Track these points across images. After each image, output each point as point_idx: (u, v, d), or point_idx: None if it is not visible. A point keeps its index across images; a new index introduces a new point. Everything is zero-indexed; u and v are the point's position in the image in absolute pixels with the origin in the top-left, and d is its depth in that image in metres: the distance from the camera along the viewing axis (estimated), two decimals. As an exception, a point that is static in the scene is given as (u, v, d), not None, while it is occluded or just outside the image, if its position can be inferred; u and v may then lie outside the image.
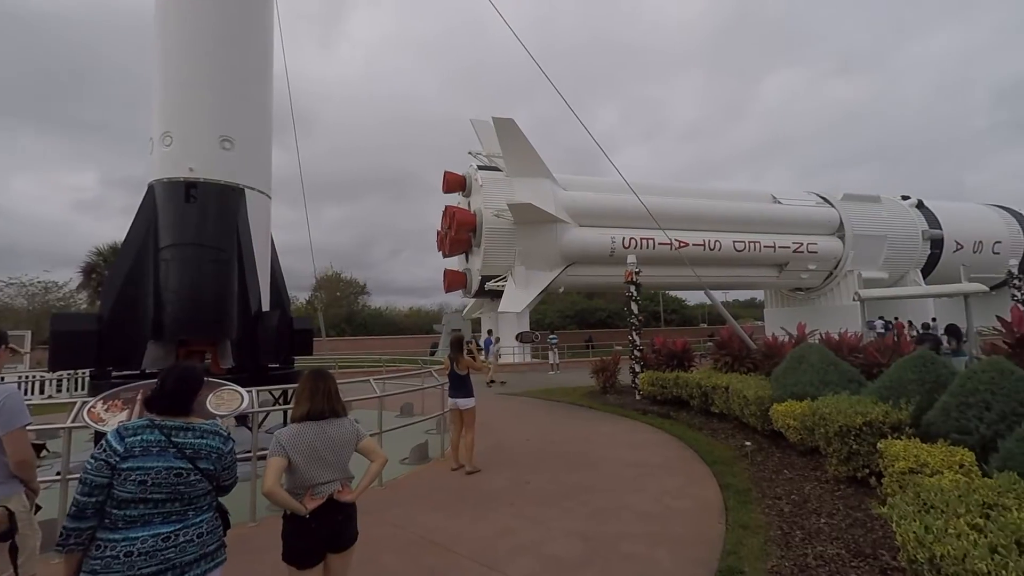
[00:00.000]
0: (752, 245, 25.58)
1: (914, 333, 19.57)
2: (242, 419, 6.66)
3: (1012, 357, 5.62)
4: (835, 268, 27.46)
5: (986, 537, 2.10)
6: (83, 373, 13.65)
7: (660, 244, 22.96)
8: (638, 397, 11.09)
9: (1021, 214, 30.86)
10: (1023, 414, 4.06)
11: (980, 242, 28.98)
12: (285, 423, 5.42)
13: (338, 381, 2.74)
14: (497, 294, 23.18)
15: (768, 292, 32.64)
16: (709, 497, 5.07)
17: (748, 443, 6.74)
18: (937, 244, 28.34)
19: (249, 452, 4.68)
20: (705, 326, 44.17)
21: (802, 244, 26.34)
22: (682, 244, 24.14)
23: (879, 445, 4.40)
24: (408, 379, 9.75)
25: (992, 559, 1.89)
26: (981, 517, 2.30)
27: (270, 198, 8.23)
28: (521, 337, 23.20)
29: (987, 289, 12.64)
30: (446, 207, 24.84)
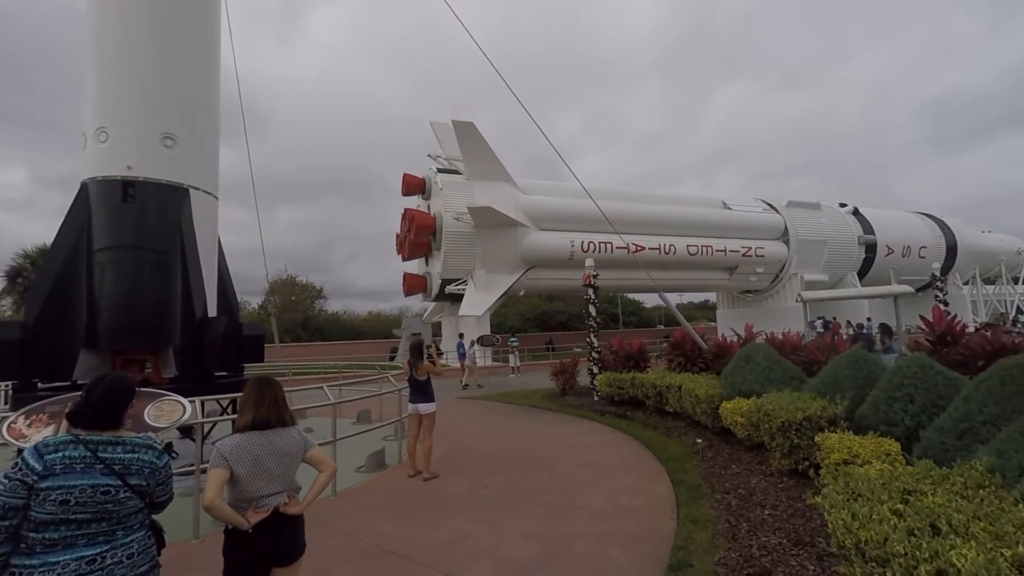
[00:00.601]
0: (704, 249, 26.57)
1: (850, 332, 20.83)
2: (188, 431, 6.34)
3: (933, 353, 6.09)
4: (781, 271, 28.90)
5: (904, 521, 2.26)
6: (6, 386, 12.62)
7: (618, 248, 23.49)
8: (596, 398, 11.28)
9: (943, 221, 33.45)
10: (942, 406, 4.39)
11: (908, 247, 31.20)
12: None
13: (291, 388, 2.66)
14: (458, 298, 23.08)
15: (720, 294, 33.97)
16: (662, 494, 5.21)
17: (699, 440, 6.99)
18: (871, 249, 30.32)
19: (194, 465, 4.46)
20: (662, 327, 45.42)
21: (750, 248, 27.58)
22: (639, 248, 24.81)
23: (817, 438, 4.65)
24: (365, 385, 9.56)
25: (909, 541, 2.05)
26: (901, 503, 2.48)
27: (217, 199, 7.89)
28: (482, 340, 23.10)
29: (913, 290, 13.69)
30: (405, 210, 24.53)
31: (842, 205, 31.73)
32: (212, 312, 7.38)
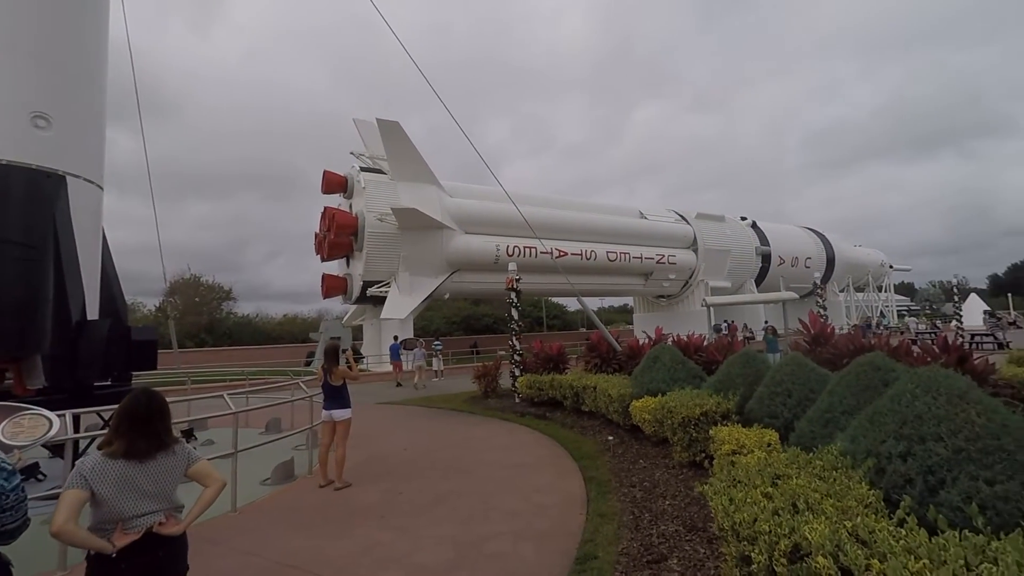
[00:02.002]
0: (623, 255, 27.95)
1: (747, 334, 22.84)
2: (58, 449, 5.61)
3: (809, 353, 6.87)
4: (690, 278, 31.09)
5: (772, 502, 2.54)
6: None
7: (542, 253, 24.04)
8: (517, 400, 11.46)
9: (825, 236, 37.76)
10: (813, 399, 4.96)
11: (797, 258, 34.87)
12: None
13: (190, 398, 2.45)
14: (380, 300, 22.44)
15: (637, 298, 35.86)
16: (574, 491, 5.41)
17: (611, 438, 7.33)
18: (767, 259, 33.53)
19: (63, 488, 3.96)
20: (584, 330, 47.06)
21: (664, 256, 29.42)
22: (561, 253, 25.57)
23: (711, 432, 5.06)
24: (275, 392, 9.00)
25: (773, 520, 2.30)
26: (771, 486, 2.78)
27: (102, 189, 7.09)
28: (404, 344, 22.64)
29: (798, 296, 15.47)
30: (325, 208, 23.47)
31: (743, 218, 34.80)
32: (93, 314, 6.61)
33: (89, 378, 6.26)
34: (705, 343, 9.44)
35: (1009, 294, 55.78)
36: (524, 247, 24.48)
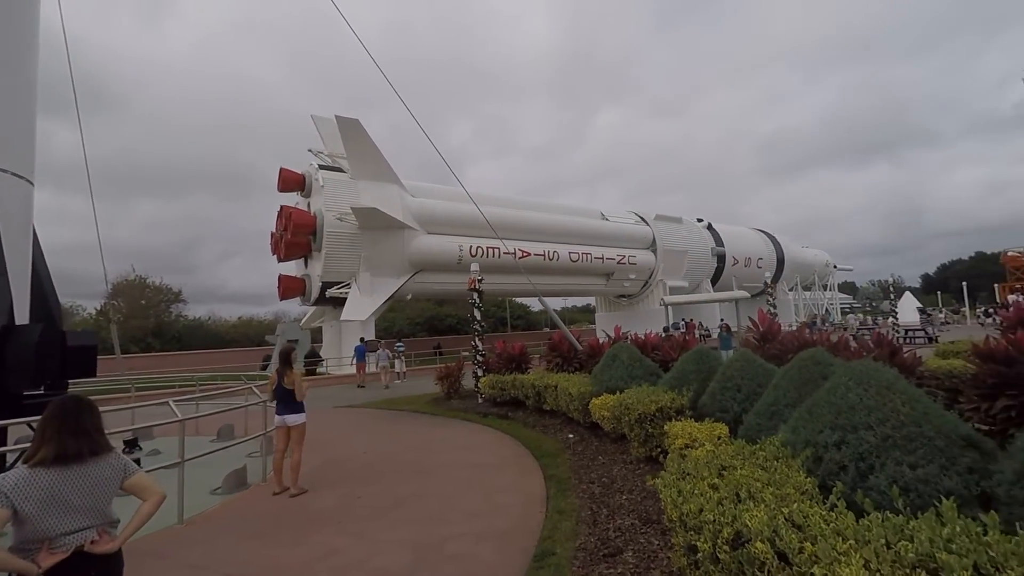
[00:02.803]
0: (585, 256, 28.37)
1: (704, 332, 23.64)
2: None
3: (758, 350, 7.19)
4: (650, 278, 31.88)
5: (718, 492, 2.65)
6: None
7: (505, 253, 24.08)
8: (480, 400, 11.46)
9: (775, 237, 39.53)
10: (760, 393, 5.19)
11: (749, 258, 36.34)
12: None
13: (134, 406, 2.31)
14: (340, 302, 21.93)
15: (598, 298, 36.47)
16: (534, 489, 5.47)
17: (571, 435, 7.45)
18: (721, 259, 34.77)
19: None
20: (548, 330, 47.45)
21: (624, 256, 30.05)
22: (524, 254, 25.71)
23: (666, 427, 5.22)
24: (228, 398, 8.67)
25: (717, 509, 2.41)
26: (717, 478, 2.90)
27: (32, 184, 6.62)
28: (367, 346, 22.24)
29: (749, 295, 16.15)
30: (281, 207, 22.73)
31: (699, 220, 35.98)
32: (23, 318, 6.17)
33: (18, 387, 5.83)
34: (661, 340, 9.71)
35: (938, 292, 60.02)
36: (487, 247, 24.47)
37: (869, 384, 3.33)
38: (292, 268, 25.08)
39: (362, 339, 20.60)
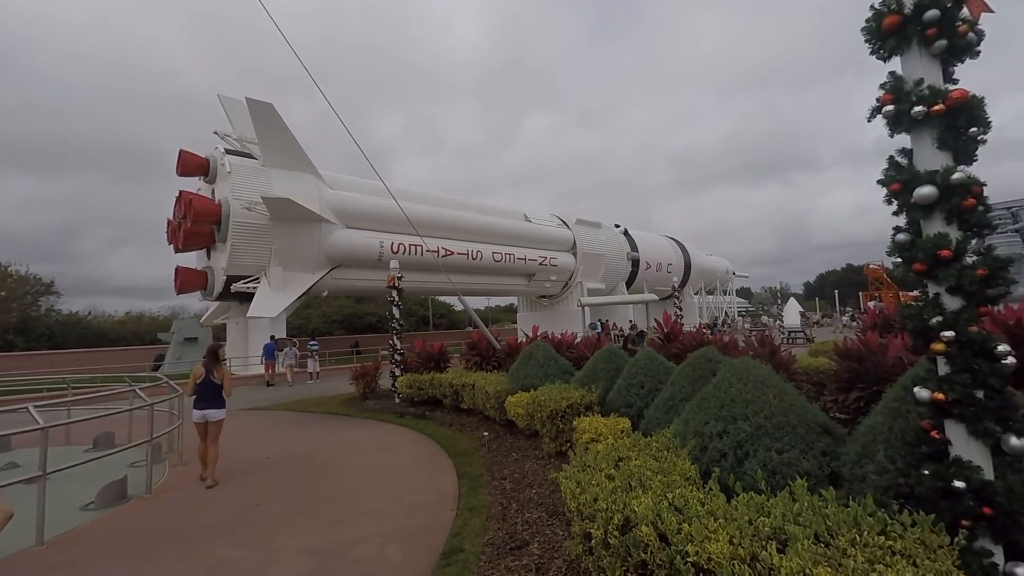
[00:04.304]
0: (508, 256, 28.71)
1: (618, 332, 24.87)
2: None
3: (662, 348, 7.72)
4: (570, 279, 32.94)
5: (613, 482, 2.83)
6: None
7: (428, 251, 23.74)
8: (398, 400, 11.23)
9: (683, 244, 42.50)
10: (661, 389, 5.59)
11: (660, 263, 38.74)
12: None
13: None
14: (247, 297, 20.39)
15: (521, 298, 37.06)
16: (446, 487, 5.47)
17: (486, 433, 7.53)
18: (636, 263, 36.75)
19: None
20: (470, 329, 47.45)
21: (546, 258, 30.81)
22: (448, 252, 25.53)
23: (574, 423, 5.45)
24: (106, 402, 7.76)
25: (611, 498, 2.57)
26: (614, 468, 3.09)
27: None
28: (278, 344, 20.93)
29: (658, 298, 17.27)
30: (181, 192, 20.71)
31: (617, 226, 37.76)
32: None
33: None
34: (576, 340, 10.10)
35: (816, 298, 67.75)
36: (410, 245, 23.96)
37: (748, 380, 3.71)
38: (192, 259, 22.96)
39: (272, 337, 19.48)
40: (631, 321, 27.27)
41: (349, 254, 22.50)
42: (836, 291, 52.74)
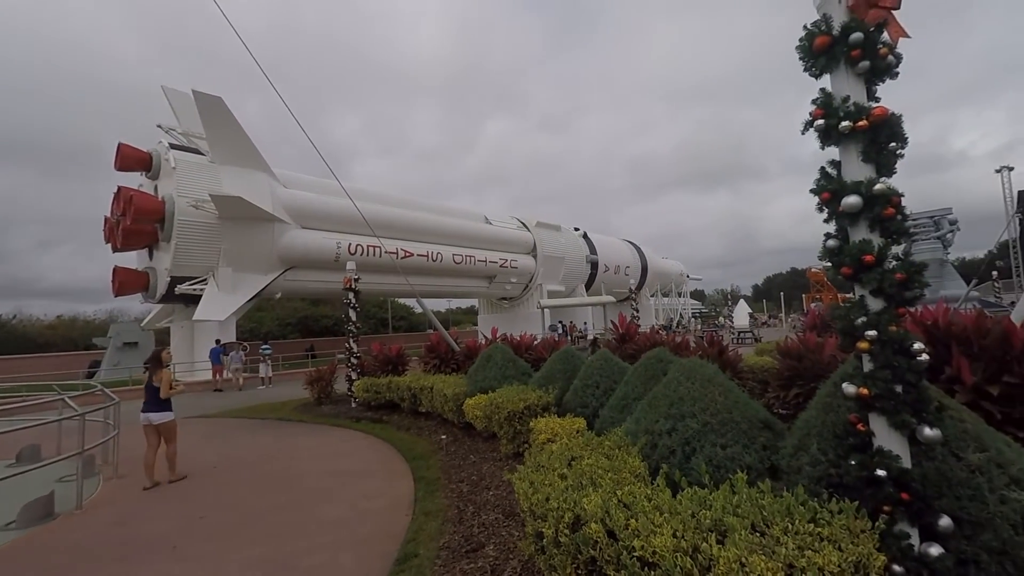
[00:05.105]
0: (468, 258, 28.63)
1: (579, 334, 25.25)
2: None
3: (617, 350, 7.90)
4: (530, 281, 33.20)
5: (566, 481, 2.88)
6: None
7: (387, 252, 23.34)
8: (354, 405, 10.98)
9: (640, 248, 43.64)
10: (615, 389, 5.72)
11: (619, 266, 39.65)
12: None
13: None
14: (193, 299, 19.43)
15: (481, 300, 37.03)
16: (402, 492, 5.39)
17: (444, 436, 7.48)
18: (594, 266, 37.45)
19: None
20: (431, 332, 46.89)
21: (507, 260, 30.93)
22: (408, 254, 25.21)
23: (531, 424, 5.50)
24: (30, 412, 7.21)
25: (562, 497, 2.62)
26: (567, 468, 3.15)
27: None
28: (225, 349, 20.02)
29: (615, 300, 17.72)
30: (119, 188, 19.51)
31: (576, 229, 38.36)
32: None
33: None
34: (535, 342, 10.19)
35: (764, 300, 71.09)
36: (368, 246, 23.50)
37: (695, 379, 3.86)
38: (132, 259, 21.67)
39: (218, 341, 18.69)
40: (584, 323, 27.76)
41: (304, 255, 21.85)
42: (782, 293, 55.56)
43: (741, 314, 30.05)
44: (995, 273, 27.03)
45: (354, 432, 8.81)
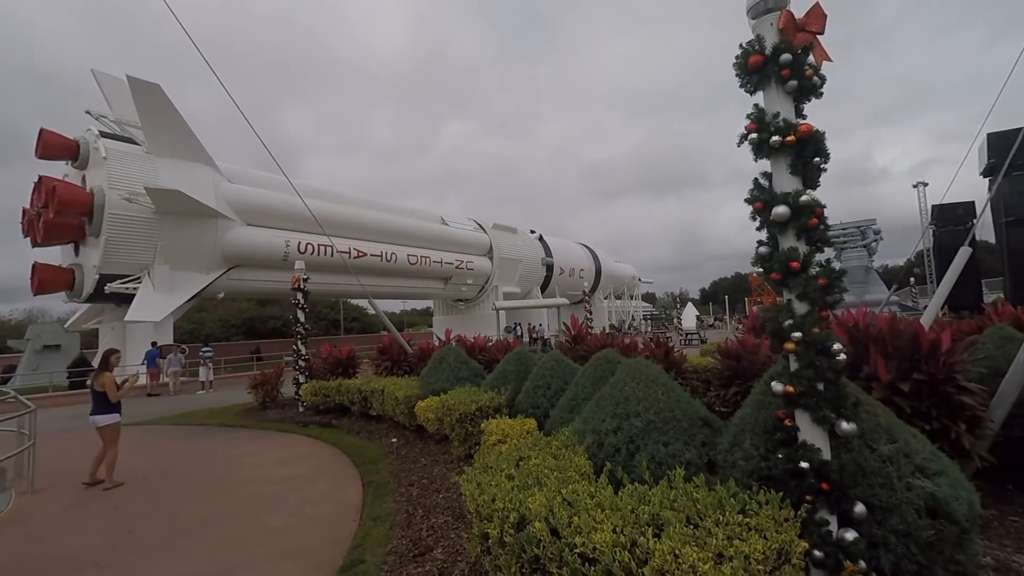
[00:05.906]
0: (423, 259, 28.30)
1: (534, 335, 25.49)
2: None
3: (569, 351, 8.04)
4: (486, 283, 33.19)
5: (513, 481, 2.91)
6: None
7: (339, 252, 22.71)
8: (302, 409, 10.61)
9: (595, 251, 44.56)
10: (565, 390, 5.81)
11: (573, 269, 40.31)
12: None
13: None
14: (125, 298, 18.18)
15: (436, 302, 36.67)
16: (350, 498, 5.26)
17: (395, 439, 7.35)
18: (550, 268, 37.92)
19: None
20: (385, 333, 45.97)
21: (463, 262, 30.79)
22: (361, 253, 24.63)
23: (482, 425, 5.50)
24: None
25: (507, 498, 2.64)
26: (514, 468, 3.18)
27: None
28: (162, 351, 18.85)
29: (569, 302, 18.00)
30: (40, 178, 18.01)
31: (532, 232, 38.72)
32: None
33: None
34: (488, 344, 10.20)
35: (711, 303, 74.30)
36: (319, 245, 22.77)
37: (640, 378, 3.99)
38: (55, 255, 20.04)
39: (154, 343, 17.60)
40: (539, 325, 28.05)
41: (250, 253, 20.93)
42: (727, 296, 58.25)
43: (689, 316, 31.25)
44: (912, 279, 29.46)
45: (301, 437, 8.51)
